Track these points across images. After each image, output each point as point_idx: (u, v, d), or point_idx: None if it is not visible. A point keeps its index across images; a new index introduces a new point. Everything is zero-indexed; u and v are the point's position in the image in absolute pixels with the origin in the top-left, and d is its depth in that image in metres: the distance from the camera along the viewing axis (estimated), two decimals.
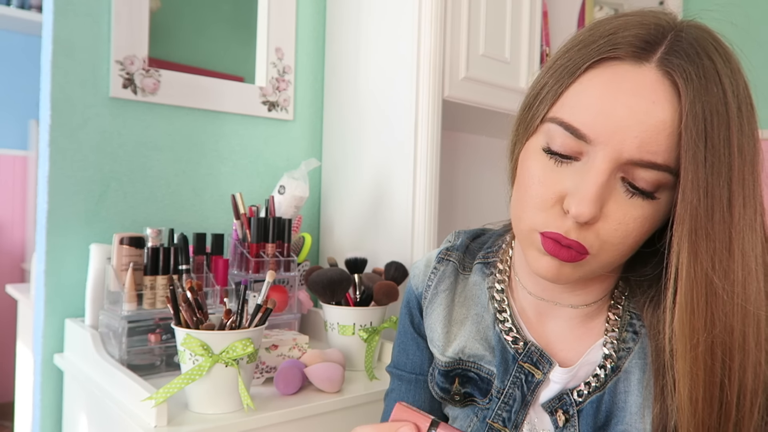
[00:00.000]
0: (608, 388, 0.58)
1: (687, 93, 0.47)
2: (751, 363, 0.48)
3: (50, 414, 1.13)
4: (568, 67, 0.52)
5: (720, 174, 0.47)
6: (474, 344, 0.66)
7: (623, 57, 0.49)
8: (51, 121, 1.09)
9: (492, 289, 0.66)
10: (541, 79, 0.55)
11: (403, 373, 0.73)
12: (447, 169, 1.52)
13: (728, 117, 0.47)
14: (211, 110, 1.28)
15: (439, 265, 0.71)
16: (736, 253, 0.47)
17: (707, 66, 0.48)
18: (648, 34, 0.50)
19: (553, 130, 0.52)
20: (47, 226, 1.09)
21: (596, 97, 0.49)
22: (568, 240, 0.51)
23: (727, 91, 0.48)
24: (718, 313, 0.47)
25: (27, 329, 1.73)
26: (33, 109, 2.73)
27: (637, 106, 0.48)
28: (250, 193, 1.33)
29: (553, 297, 0.62)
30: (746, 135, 0.48)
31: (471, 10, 1.21)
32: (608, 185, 0.49)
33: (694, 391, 0.48)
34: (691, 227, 0.47)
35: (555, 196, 0.52)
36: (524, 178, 0.55)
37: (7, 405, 2.61)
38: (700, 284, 0.47)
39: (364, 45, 1.31)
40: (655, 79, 0.48)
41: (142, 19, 1.18)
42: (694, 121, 0.46)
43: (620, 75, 0.49)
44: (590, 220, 0.49)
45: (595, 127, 0.49)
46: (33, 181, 2.80)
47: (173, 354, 1.02)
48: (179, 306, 0.81)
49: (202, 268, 1.08)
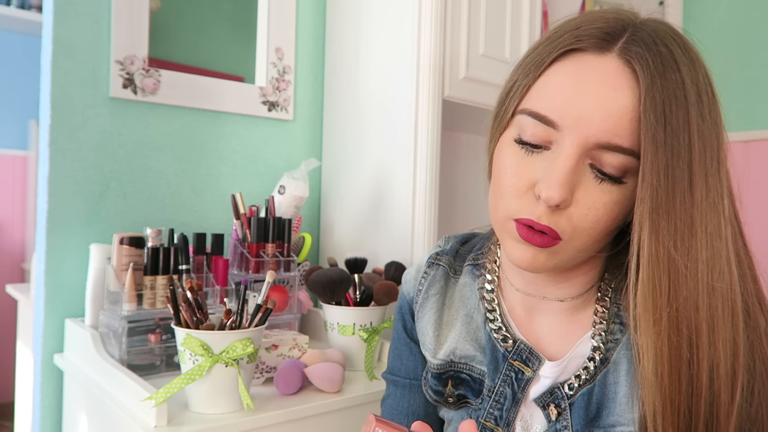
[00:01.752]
0: (598, 380, 0.59)
1: (644, 78, 0.49)
2: (722, 340, 0.48)
3: (50, 414, 1.13)
4: (535, 62, 0.55)
5: (680, 156, 0.48)
6: (465, 345, 0.66)
7: (586, 48, 0.52)
8: (51, 121, 1.09)
9: (482, 289, 0.67)
10: (512, 76, 0.58)
11: (398, 379, 0.74)
12: (447, 169, 1.52)
13: (687, 102, 0.49)
14: (211, 110, 1.28)
15: (429, 269, 0.72)
16: (699, 233, 0.48)
17: (664, 54, 0.50)
18: (609, 27, 0.52)
19: (523, 121, 0.54)
20: (47, 226, 1.09)
21: (562, 86, 0.52)
22: (541, 225, 0.52)
23: (686, 79, 0.50)
24: (681, 290, 0.48)
25: (27, 329, 1.73)
26: (33, 109, 2.73)
27: (601, 92, 0.50)
28: (250, 193, 1.33)
29: (539, 291, 0.63)
30: (707, 123, 0.50)
31: (471, 10, 1.21)
32: (577, 171, 0.51)
33: (659, 365, 0.49)
34: (652, 207, 0.48)
35: (527, 183, 0.54)
36: (498, 169, 0.57)
37: (7, 405, 2.61)
38: (662, 262, 0.48)
39: (364, 45, 1.31)
40: (616, 66, 0.51)
41: (142, 19, 1.18)
42: (652, 105, 0.48)
43: (584, 65, 0.52)
44: (561, 203, 0.51)
45: (561, 113, 0.51)
46: (33, 181, 2.80)
47: (173, 354, 1.02)
48: (179, 306, 0.81)
49: (202, 268, 1.08)
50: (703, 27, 2.14)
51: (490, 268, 0.68)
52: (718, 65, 2.15)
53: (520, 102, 0.56)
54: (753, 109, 2.02)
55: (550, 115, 0.52)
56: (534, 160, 0.54)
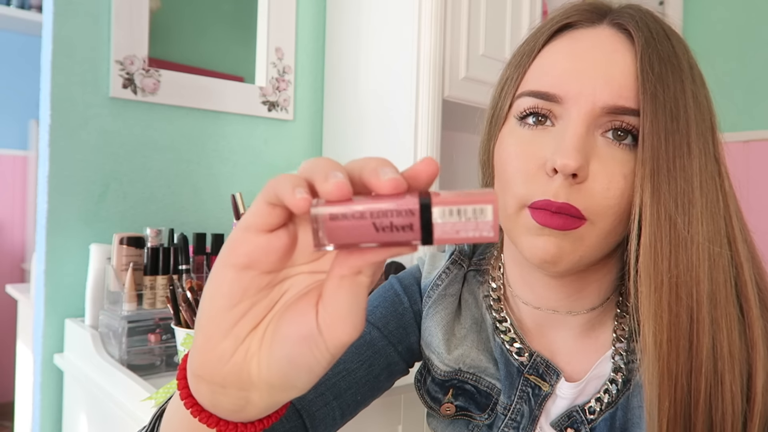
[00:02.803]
0: (620, 404, 0.55)
1: (639, 38, 0.49)
2: (725, 317, 0.46)
3: (50, 414, 1.13)
4: (526, 51, 0.54)
5: (678, 119, 0.47)
6: (477, 355, 0.61)
7: (577, 22, 0.52)
8: (51, 121, 1.09)
9: (488, 297, 0.62)
10: (503, 75, 0.56)
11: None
12: (447, 168, 1.52)
13: (680, 69, 0.48)
14: (211, 110, 1.28)
15: (453, 266, 0.64)
16: (699, 203, 0.46)
17: (653, 26, 0.50)
18: (595, 5, 0.53)
19: (522, 102, 0.52)
20: (47, 226, 1.09)
21: (559, 59, 0.51)
22: (559, 203, 0.47)
23: (676, 49, 0.49)
24: (682, 257, 0.46)
25: (27, 329, 1.73)
26: (33, 109, 2.73)
27: (599, 57, 0.49)
28: (250, 193, 1.33)
29: (549, 304, 0.57)
30: (702, 94, 0.49)
31: (471, 10, 1.21)
32: (588, 140, 0.48)
33: (658, 334, 0.46)
34: (653, 168, 0.46)
35: (536, 163, 0.49)
36: (502, 160, 0.53)
37: (7, 405, 2.61)
38: (663, 225, 0.46)
39: (364, 45, 1.31)
40: (610, 33, 0.50)
41: (142, 19, 1.18)
42: (650, 63, 0.48)
43: (577, 37, 0.51)
44: (578, 171, 0.46)
45: (563, 85, 0.49)
46: (33, 181, 2.80)
47: (173, 354, 1.02)
48: (179, 306, 0.81)
49: (202, 268, 1.08)
50: (703, 27, 2.14)
51: (494, 275, 0.62)
52: (718, 65, 2.16)
53: (516, 91, 0.53)
54: (753, 109, 2.02)
55: (551, 89, 0.49)
56: (540, 140, 0.50)
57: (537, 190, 0.48)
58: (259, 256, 0.31)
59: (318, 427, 0.56)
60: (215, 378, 0.32)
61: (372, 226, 0.27)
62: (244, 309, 0.32)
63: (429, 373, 0.64)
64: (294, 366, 0.31)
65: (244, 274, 0.31)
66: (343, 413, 0.59)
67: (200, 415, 0.34)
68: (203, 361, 0.32)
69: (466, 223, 0.26)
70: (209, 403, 0.34)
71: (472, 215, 0.26)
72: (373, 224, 0.27)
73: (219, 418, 0.34)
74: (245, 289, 0.31)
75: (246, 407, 0.33)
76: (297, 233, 0.32)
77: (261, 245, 0.30)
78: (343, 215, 0.27)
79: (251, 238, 0.30)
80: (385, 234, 0.27)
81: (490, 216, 0.26)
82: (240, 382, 0.32)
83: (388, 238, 0.27)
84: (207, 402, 0.34)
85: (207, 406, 0.34)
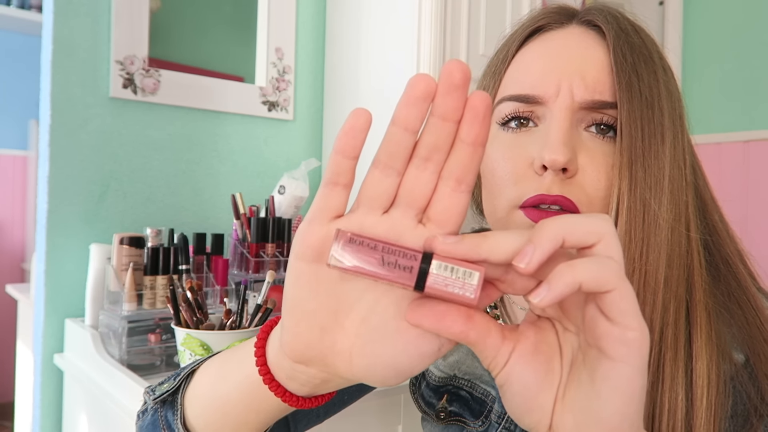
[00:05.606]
0: None
1: (610, 32, 0.50)
2: (671, 298, 0.46)
3: (50, 414, 1.13)
4: (500, 59, 0.55)
5: (653, 108, 0.47)
6: (472, 362, 0.61)
7: (547, 25, 0.53)
8: (51, 121, 1.09)
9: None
10: (479, 85, 0.57)
11: None
12: None
13: (652, 60, 0.49)
14: (211, 110, 1.28)
15: None
16: (666, 188, 0.47)
17: (621, 21, 0.51)
18: (563, 8, 0.54)
19: (503, 108, 0.52)
20: (47, 226, 1.09)
21: (534, 61, 0.51)
22: (552, 197, 0.47)
23: (645, 42, 0.50)
24: (653, 241, 0.46)
25: (27, 329, 1.73)
26: (33, 109, 2.73)
27: (573, 54, 0.50)
28: (250, 193, 1.33)
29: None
30: (672, 83, 0.50)
31: (471, 10, 1.21)
32: (573, 134, 0.48)
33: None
34: (630, 157, 0.47)
35: (524, 163, 0.49)
36: (489, 165, 0.52)
37: (7, 405, 2.61)
38: (638, 210, 0.46)
39: (364, 45, 1.31)
40: (580, 31, 0.52)
41: (142, 19, 1.18)
42: (623, 54, 0.48)
43: (549, 38, 0.52)
44: (567, 164, 0.47)
45: (541, 85, 0.50)
46: (33, 181, 2.80)
47: (173, 354, 1.02)
48: (179, 306, 0.81)
49: (202, 268, 1.08)
50: (703, 27, 2.14)
51: None
52: (718, 65, 2.16)
53: (494, 99, 0.53)
54: (753, 109, 2.02)
55: (530, 91, 0.50)
56: (525, 141, 0.50)
57: (528, 188, 0.48)
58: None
59: (300, 422, 0.59)
60: (302, 358, 0.34)
61: (380, 259, 0.30)
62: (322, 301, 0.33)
63: (424, 377, 0.65)
64: (392, 369, 0.33)
65: (317, 267, 0.33)
66: (327, 411, 0.62)
67: (271, 384, 0.37)
68: (291, 343, 0.34)
69: (455, 281, 0.29)
70: (285, 376, 0.37)
71: (462, 276, 0.29)
72: (381, 257, 0.30)
73: (286, 389, 0.37)
74: (320, 282, 0.33)
75: (319, 386, 0.36)
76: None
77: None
78: (360, 241, 0.30)
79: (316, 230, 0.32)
80: (386, 269, 0.30)
81: (476, 281, 0.29)
82: (325, 367, 0.34)
83: (387, 273, 0.30)
84: (283, 375, 0.37)
85: (281, 379, 0.37)
